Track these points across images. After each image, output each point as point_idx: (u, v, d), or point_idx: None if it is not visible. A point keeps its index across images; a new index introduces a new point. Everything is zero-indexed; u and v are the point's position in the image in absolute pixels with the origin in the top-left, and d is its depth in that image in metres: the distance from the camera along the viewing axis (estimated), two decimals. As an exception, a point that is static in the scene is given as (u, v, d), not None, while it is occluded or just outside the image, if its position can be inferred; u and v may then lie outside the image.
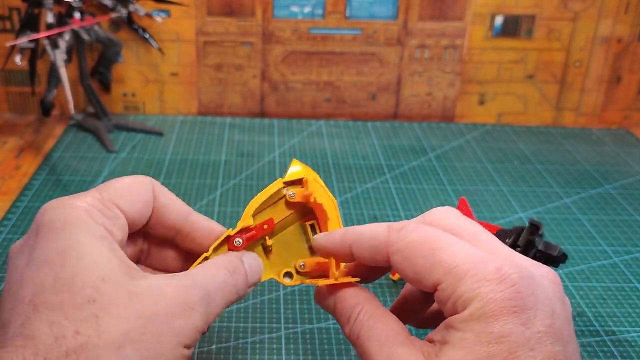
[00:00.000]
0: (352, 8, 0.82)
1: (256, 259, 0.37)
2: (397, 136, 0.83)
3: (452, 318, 0.30)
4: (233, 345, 0.46)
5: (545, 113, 0.90)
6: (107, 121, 0.80)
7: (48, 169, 0.70)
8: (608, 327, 0.50)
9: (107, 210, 0.33)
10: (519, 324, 0.28)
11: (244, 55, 0.84)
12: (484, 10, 0.83)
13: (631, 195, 0.70)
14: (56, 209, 0.32)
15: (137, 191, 0.35)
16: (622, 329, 0.50)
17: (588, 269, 0.57)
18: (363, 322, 0.33)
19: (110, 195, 0.34)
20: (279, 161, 0.74)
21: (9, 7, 0.78)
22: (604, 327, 0.50)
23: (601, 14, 0.84)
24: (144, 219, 0.36)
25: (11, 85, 0.83)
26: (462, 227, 0.33)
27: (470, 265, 0.30)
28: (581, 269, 0.57)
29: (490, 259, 0.30)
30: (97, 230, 0.32)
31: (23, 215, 0.61)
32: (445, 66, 0.86)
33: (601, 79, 0.88)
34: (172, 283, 0.32)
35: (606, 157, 0.80)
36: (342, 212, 0.64)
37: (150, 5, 0.79)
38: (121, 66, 0.83)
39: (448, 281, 0.30)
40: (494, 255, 0.31)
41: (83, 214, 0.32)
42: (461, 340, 0.29)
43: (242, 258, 0.36)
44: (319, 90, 0.87)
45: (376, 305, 0.34)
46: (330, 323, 0.48)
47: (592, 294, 0.54)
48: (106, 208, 0.33)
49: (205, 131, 0.82)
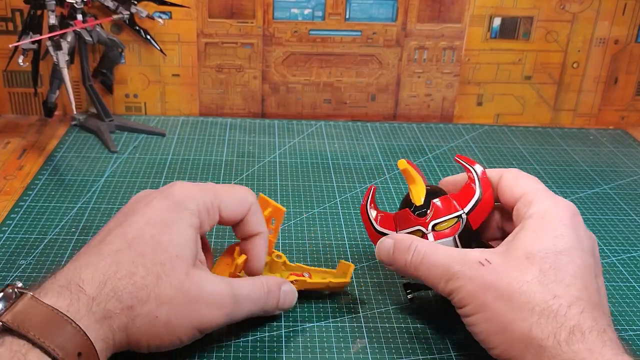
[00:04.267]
0: (352, 10, 0.83)
1: (292, 290, 0.47)
2: (396, 137, 0.84)
3: (522, 217, 0.44)
4: (234, 343, 0.46)
5: (543, 114, 0.91)
6: (109, 122, 0.80)
7: (50, 169, 0.70)
8: (604, 326, 0.51)
9: (211, 210, 0.44)
10: (572, 229, 0.43)
11: (245, 57, 0.84)
12: (482, 12, 0.84)
13: (628, 195, 0.71)
14: (183, 191, 0.44)
15: (238, 203, 0.46)
16: (620, 328, 0.50)
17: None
18: (418, 260, 0.44)
19: (220, 201, 0.45)
20: (279, 161, 0.75)
21: (12, 9, 0.79)
22: (600, 326, 0.51)
23: (598, 15, 0.85)
24: (233, 223, 0.47)
25: (14, 86, 0.83)
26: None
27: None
28: (578, 268, 0.57)
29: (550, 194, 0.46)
30: (194, 221, 0.43)
31: (26, 214, 0.61)
32: (443, 67, 0.87)
33: (598, 80, 0.89)
34: (217, 283, 0.42)
35: (603, 158, 0.81)
36: (342, 212, 0.65)
37: (152, 7, 0.80)
38: (123, 67, 0.84)
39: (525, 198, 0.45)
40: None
41: (193, 205, 0.43)
42: (531, 226, 0.43)
43: (281, 285, 0.47)
44: (319, 91, 0.87)
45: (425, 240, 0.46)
46: (330, 322, 0.49)
47: (588, 293, 0.54)
48: (211, 208, 0.44)
49: (207, 132, 0.82)
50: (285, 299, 0.47)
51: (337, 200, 0.67)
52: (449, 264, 0.43)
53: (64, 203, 0.64)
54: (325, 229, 0.61)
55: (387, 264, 0.47)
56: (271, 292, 0.46)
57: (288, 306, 0.47)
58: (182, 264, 0.41)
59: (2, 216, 0.61)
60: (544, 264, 0.40)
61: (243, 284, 0.44)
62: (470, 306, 0.41)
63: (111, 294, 0.38)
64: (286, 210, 0.50)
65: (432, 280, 0.44)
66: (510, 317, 0.39)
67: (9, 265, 0.53)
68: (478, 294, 0.41)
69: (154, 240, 0.41)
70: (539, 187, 0.46)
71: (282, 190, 0.68)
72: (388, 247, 0.46)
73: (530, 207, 0.44)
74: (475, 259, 0.42)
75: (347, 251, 0.58)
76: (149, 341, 0.40)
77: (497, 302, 0.40)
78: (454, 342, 0.47)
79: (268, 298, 0.45)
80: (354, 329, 0.48)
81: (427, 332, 0.48)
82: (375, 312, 0.50)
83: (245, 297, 0.44)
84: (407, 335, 0.48)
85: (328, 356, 0.45)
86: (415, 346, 0.47)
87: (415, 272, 0.44)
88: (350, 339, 0.47)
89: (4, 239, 0.57)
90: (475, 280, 0.41)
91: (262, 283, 0.45)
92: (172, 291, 0.40)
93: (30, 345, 0.34)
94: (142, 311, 0.39)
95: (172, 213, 0.42)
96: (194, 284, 0.41)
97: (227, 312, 0.42)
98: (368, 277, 0.54)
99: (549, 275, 0.40)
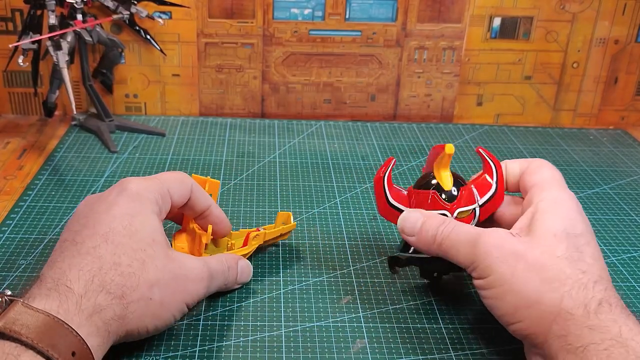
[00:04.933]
0: (352, 10, 0.83)
1: (248, 266, 0.52)
2: (396, 137, 0.84)
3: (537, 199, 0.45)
4: (234, 343, 0.46)
5: (543, 114, 0.91)
6: (109, 122, 0.80)
7: (50, 169, 0.70)
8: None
9: (164, 197, 0.47)
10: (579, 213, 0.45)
11: (245, 57, 0.84)
12: (482, 12, 0.84)
13: (628, 195, 0.71)
14: (137, 184, 0.45)
15: (183, 185, 0.49)
16: None
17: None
18: (448, 231, 0.45)
19: (168, 186, 0.47)
20: (279, 161, 0.75)
21: (12, 9, 0.79)
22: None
23: (598, 15, 0.85)
24: (181, 204, 0.49)
25: (14, 87, 0.83)
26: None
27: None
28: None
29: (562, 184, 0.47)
30: (155, 209, 0.45)
31: (26, 214, 0.61)
32: (443, 67, 0.87)
33: (598, 80, 0.89)
34: (193, 259, 0.46)
35: (603, 158, 0.81)
36: (342, 212, 0.65)
37: (152, 7, 0.80)
38: (123, 67, 0.84)
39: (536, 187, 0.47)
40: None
41: (151, 195, 0.45)
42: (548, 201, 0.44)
43: (237, 261, 0.51)
44: (318, 91, 0.87)
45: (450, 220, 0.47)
46: (330, 321, 0.49)
47: (588, 293, 0.54)
48: (164, 195, 0.47)
49: (206, 132, 0.82)
50: (242, 273, 0.51)
51: (337, 200, 0.67)
52: (479, 232, 0.43)
53: (64, 203, 0.64)
54: (325, 229, 0.61)
55: (409, 235, 0.47)
56: (231, 267, 0.50)
57: (245, 279, 0.52)
58: (159, 247, 0.43)
59: (2, 216, 0.61)
60: (568, 243, 0.42)
61: (210, 260, 0.48)
62: (495, 276, 0.41)
63: (99, 289, 0.39)
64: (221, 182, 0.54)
65: (458, 248, 0.44)
66: (540, 289, 0.40)
67: (9, 265, 0.53)
68: (508, 262, 0.41)
69: (128, 230, 0.42)
70: (555, 177, 0.47)
71: (282, 190, 0.68)
72: (415, 220, 0.47)
73: (542, 192, 0.46)
74: (504, 230, 0.43)
75: (347, 251, 0.58)
76: (147, 324, 0.42)
77: (529, 272, 0.40)
78: (454, 342, 0.47)
79: (229, 273, 0.49)
80: (354, 329, 0.48)
81: (427, 332, 0.48)
82: (375, 312, 0.50)
83: (215, 272, 0.47)
84: (407, 335, 0.48)
85: (328, 356, 0.45)
86: (415, 346, 0.47)
87: (440, 242, 0.45)
88: (350, 339, 0.47)
89: (4, 239, 0.57)
90: (505, 248, 0.42)
91: (223, 259, 0.49)
92: (158, 272, 0.42)
93: (23, 347, 0.35)
94: (134, 297, 0.40)
95: (135, 204, 0.44)
96: (176, 263, 0.44)
97: (205, 284, 0.46)
98: (368, 277, 0.54)
99: (573, 255, 0.41)
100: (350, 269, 0.55)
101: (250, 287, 0.52)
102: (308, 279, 0.54)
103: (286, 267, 0.55)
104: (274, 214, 0.63)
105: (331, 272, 0.55)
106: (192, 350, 0.45)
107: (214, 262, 0.48)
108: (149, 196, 0.45)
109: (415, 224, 0.47)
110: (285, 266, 0.55)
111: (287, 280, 0.53)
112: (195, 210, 0.51)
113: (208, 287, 0.46)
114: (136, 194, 0.45)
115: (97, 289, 0.39)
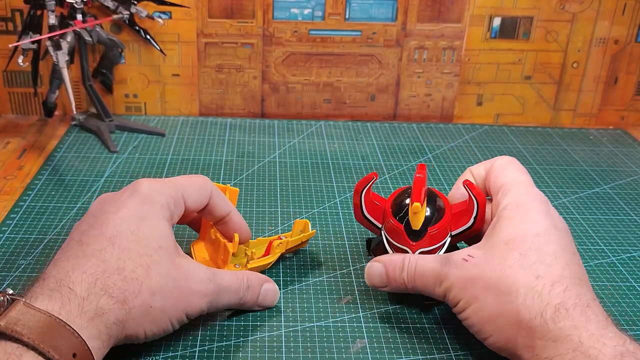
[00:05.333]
0: (352, 10, 0.83)
1: (274, 290, 0.49)
2: (396, 137, 0.84)
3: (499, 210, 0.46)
4: (234, 343, 0.46)
5: (543, 114, 0.91)
6: (109, 122, 0.80)
7: (50, 169, 0.70)
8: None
9: (177, 202, 0.46)
10: (544, 207, 0.45)
11: (245, 57, 0.84)
12: (482, 12, 0.84)
13: (628, 195, 0.71)
14: (149, 186, 0.45)
15: (200, 191, 0.48)
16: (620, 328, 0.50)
17: (586, 268, 0.57)
18: (412, 272, 0.46)
19: (182, 191, 0.47)
20: (279, 161, 0.75)
21: (12, 9, 0.79)
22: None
23: (598, 15, 0.85)
24: (198, 209, 0.49)
25: (14, 86, 0.83)
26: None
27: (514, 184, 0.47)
28: (578, 268, 0.57)
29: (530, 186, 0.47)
30: (166, 214, 0.45)
31: (25, 214, 0.61)
32: (443, 67, 0.87)
33: (598, 80, 0.89)
34: (201, 271, 0.44)
35: (603, 158, 0.81)
36: (342, 212, 0.65)
37: (152, 7, 0.80)
38: (123, 67, 0.84)
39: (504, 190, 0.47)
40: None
41: (162, 198, 0.45)
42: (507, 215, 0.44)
43: (263, 284, 0.49)
44: (318, 91, 0.87)
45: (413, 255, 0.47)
46: (330, 322, 0.49)
47: (588, 293, 0.54)
48: (178, 199, 0.46)
49: (206, 132, 0.82)
50: (266, 296, 0.49)
51: (337, 200, 0.67)
52: (438, 268, 0.45)
53: (64, 203, 0.64)
54: (325, 229, 0.61)
55: (381, 287, 0.48)
56: (251, 287, 0.47)
57: (269, 304, 0.49)
58: (166, 253, 0.43)
59: (2, 216, 0.61)
60: (523, 247, 0.42)
61: (225, 275, 0.46)
62: (462, 301, 0.43)
63: (102, 292, 0.39)
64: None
65: (428, 288, 0.45)
66: (498, 303, 0.41)
67: (9, 265, 0.53)
68: (467, 288, 0.42)
69: (135, 235, 0.42)
70: (519, 179, 0.47)
71: (282, 190, 0.68)
72: (379, 271, 0.48)
73: (505, 197, 0.46)
74: (459, 257, 0.44)
75: (347, 251, 0.58)
76: (145, 330, 0.41)
77: (485, 291, 0.41)
78: (454, 342, 0.47)
79: (247, 293, 0.47)
80: (354, 329, 0.48)
81: (427, 332, 0.48)
82: (375, 312, 0.50)
83: (226, 287, 0.45)
84: (407, 335, 0.48)
85: (328, 356, 0.45)
86: (415, 346, 0.47)
87: (412, 285, 0.46)
88: (350, 339, 0.47)
89: (3, 239, 0.57)
90: (461, 276, 0.43)
91: (242, 277, 0.47)
92: (162, 280, 0.41)
93: (25, 348, 0.35)
94: (136, 303, 0.40)
95: (144, 208, 0.44)
96: (181, 271, 0.43)
97: (210, 299, 0.44)
98: (368, 277, 0.54)
99: (529, 258, 0.41)
100: (350, 269, 0.55)
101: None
102: (308, 279, 0.54)
103: (286, 267, 0.55)
104: (274, 214, 0.63)
105: (331, 272, 0.55)
106: (192, 350, 0.45)
107: (229, 277, 0.46)
108: (160, 200, 0.45)
109: (382, 276, 0.48)
110: (285, 266, 0.55)
111: (287, 280, 0.53)
112: (215, 215, 0.50)
113: (212, 301, 0.45)
114: (147, 197, 0.44)
115: (99, 293, 0.39)
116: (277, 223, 0.62)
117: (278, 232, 0.60)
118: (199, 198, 0.48)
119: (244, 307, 0.48)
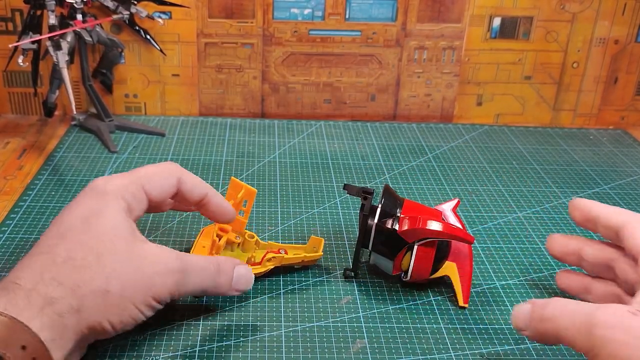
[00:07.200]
0: (352, 10, 0.83)
1: (247, 272, 0.48)
2: (396, 137, 0.84)
3: None
4: (234, 343, 0.46)
5: (543, 114, 0.91)
6: (109, 122, 0.80)
7: (50, 169, 0.70)
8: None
9: (136, 192, 0.46)
10: None
11: (245, 57, 0.84)
12: (482, 12, 0.84)
13: (628, 195, 0.71)
14: (104, 181, 0.45)
15: (162, 178, 0.47)
16: None
17: (585, 268, 0.58)
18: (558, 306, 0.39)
19: (143, 181, 0.46)
20: (279, 161, 0.75)
21: (12, 9, 0.79)
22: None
23: (598, 15, 0.85)
24: (165, 198, 0.48)
25: (14, 86, 0.83)
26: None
27: None
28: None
29: None
30: (121, 204, 0.44)
31: (25, 214, 0.61)
32: (443, 67, 0.87)
33: (598, 80, 0.89)
34: (164, 252, 0.44)
35: (603, 158, 0.81)
36: (342, 212, 0.65)
37: (152, 7, 0.80)
38: (123, 67, 0.84)
39: None
40: None
41: (118, 191, 0.45)
42: None
43: (235, 266, 0.48)
44: (318, 91, 0.87)
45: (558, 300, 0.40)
46: (330, 321, 0.49)
47: (588, 293, 0.54)
48: (136, 190, 0.46)
49: (206, 132, 0.82)
50: (239, 280, 0.47)
51: (337, 200, 0.67)
52: (591, 311, 0.38)
53: (64, 203, 0.64)
54: (325, 229, 0.61)
55: (521, 329, 0.42)
56: (222, 271, 0.46)
57: (244, 287, 0.48)
58: (122, 241, 0.42)
59: (2, 216, 0.61)
60: None
61: (192, 256, 0.46)
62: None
63: (50, 281, 0.39)
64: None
65: (572, 332, 0.38)
66: None
67: (9, 265, 0.53)
68: (635, 346, 0.35)
69: (86, 226, 0.42)
70: None
71: (282, 190, 0.68)
72: (525, 312, 0.41)
73: None
74: (622, 308, 0.37)
75: (347, 251, 0.58)
76: (110, 320, 0.40)
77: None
78: (454, 342, 0.47)
79: (219, 276, 0.46)
80: (354, 329, 0.48)
81: (427, 332, 0.48)
82: (375, 312, 0.50)
83: (193, 268, 0.45)
84: (407, 335, 0.48)
85: (328, 356, 0.45)
86: (415, 346, 0.47)
87: (552, 325, 0.39)
88: (350, 339, 0.47)
89: (4, 239, 0.57)
90: (630, 330, 0.36)
91: (212, 260, 0.47)
92: (117, 264, 0.41)
93: None
94: (89, 289, 0.39)
95: (98, 202, 0.44)
96: (139, 253, 0.42)
97: (176, 279, 0.43)
98: (368, 277, 0.54)
99: None
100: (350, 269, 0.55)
101: (250, 287, 0.52)
102: (308, 279, 0.54)
103: (286, 267, 0.55)
104: (274, 214, 0.63)
105: (331, 272, 0.55)
106: (192, 350, 0.45)
107: (198, 259, 0.46)
108: (115, 192, 0.45)
109: (526, 318, 0.41)
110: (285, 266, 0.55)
111: (287, 280, 0.53)
112: (190, 200, 0.49)
113: (178, 281, 0.43)
114: (101, 192, 0.45)
115: (47, 283, 0.39)
116: (277, 223, 0.62)
117: (278, 232, 0.60)
118: (163, 187, 0.47)
119: (219, 292, 0.47)
